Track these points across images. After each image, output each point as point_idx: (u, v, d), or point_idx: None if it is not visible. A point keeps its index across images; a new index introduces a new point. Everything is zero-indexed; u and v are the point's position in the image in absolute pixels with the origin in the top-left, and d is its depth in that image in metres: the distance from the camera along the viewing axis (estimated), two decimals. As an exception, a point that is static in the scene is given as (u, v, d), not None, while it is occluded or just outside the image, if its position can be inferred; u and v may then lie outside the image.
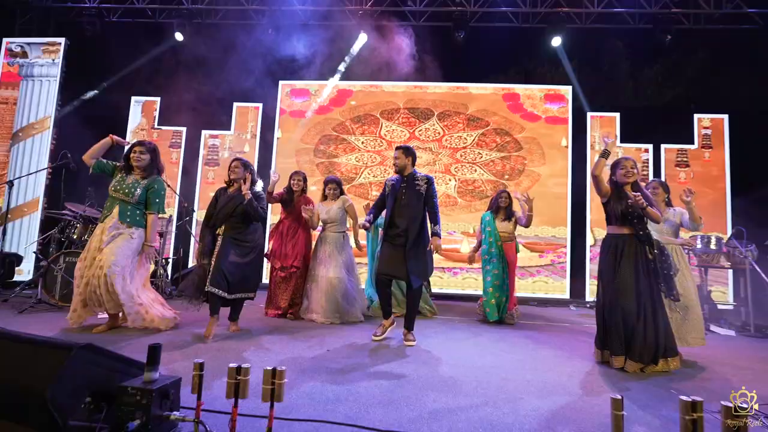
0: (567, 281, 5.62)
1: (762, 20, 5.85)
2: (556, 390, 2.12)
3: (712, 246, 4.15)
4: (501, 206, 4.05)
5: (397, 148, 3.11)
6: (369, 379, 2.16)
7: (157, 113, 6.11)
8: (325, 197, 3.85)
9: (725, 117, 5.61)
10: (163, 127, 6.10)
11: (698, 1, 5.91)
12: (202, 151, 6.08)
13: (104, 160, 3.04)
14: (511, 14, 6.27)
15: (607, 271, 2.69)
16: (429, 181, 3.08)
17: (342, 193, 3.85)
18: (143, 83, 6.24)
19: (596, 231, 5.62)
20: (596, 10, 6.04)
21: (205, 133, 6.14)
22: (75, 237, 4.10)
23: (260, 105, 6.19)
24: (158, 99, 6.15)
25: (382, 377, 2.21)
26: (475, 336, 3.40)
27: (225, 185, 3.19)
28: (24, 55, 5.39)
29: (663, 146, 5.68)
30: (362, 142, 6.15)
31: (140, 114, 6.10)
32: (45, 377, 1.33)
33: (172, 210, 5.66)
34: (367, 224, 3.06)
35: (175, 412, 1.44)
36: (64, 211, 4.34)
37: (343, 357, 2.57)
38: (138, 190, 2.96)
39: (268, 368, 1.43)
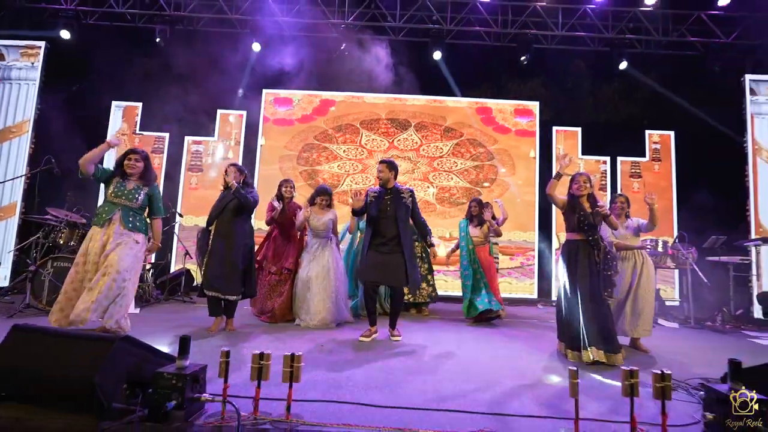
0: (535, 282, 6.07)
1: (703, 48, 6.58)
2: (524, 373, 2.45)
3: (659, 249, 4.68)
4: (472, 214, 4.41)
5: (381, 162, 3.35)
6: (364, 369, 2.42)
7: (138, 118, 6.13)
8: (312, 204, 4.07)
9: (672, 133, 6.26)
10: (145, 133, 6.13)
11: (649, 29, 6.57)
12: (185, 157, 6.14)
13: (102, 166, 3.16)
14: (484, 33, 6.73)
15: (563, 272, 3.08)
16: (412, 193, 3.38)
17: (331, 205, 4.06)
18: (124, 88, 6.25)
19: (561, 236, 6.11)
20: (560, 33, 6.59)
21: (188, 139, 6.21)
22: (62, 242, 4.13)
23: (244, 113, 6.33)
24: (140, 104, 6.18)
25: (375, 367, 2.47)
26: (456, 332, 3.72)
27: (222, 190, 3.40)
28: (1, 57, 5.31)
29: (619, 158, 6.27)
30: (344, 151, 6.41)
31: (121, 119, 6.10)
32: (91, 366, 1.51)
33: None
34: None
35: (204, 394, 1.65)
36: (46, 216, 4.35)
37: (337, 352, 2.81)
38: (140, 195, 3.09)
39: (287, 354, 1.68)
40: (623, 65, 6.40)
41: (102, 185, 3.17)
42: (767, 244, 4.77)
